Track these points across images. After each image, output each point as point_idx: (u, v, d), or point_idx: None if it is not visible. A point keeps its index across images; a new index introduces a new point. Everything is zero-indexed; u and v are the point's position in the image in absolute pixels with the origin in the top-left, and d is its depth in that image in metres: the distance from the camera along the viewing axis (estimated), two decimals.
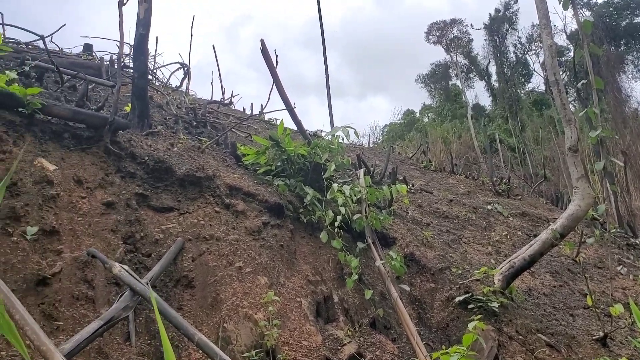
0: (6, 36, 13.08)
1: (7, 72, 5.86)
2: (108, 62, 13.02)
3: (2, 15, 17.54)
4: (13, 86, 5.51)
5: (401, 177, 11.30)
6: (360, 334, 5.91)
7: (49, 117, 5.82)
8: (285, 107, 7.68)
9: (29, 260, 4.73)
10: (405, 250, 7.27)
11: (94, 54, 14.67)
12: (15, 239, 4.79)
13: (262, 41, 7.20)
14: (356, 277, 6.04)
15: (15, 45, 11.85)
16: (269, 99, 18.20)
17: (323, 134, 9.30)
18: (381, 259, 6.42)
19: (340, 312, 6.04)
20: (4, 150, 5.29)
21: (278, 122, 13.48)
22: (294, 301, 5.71)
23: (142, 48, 7.08)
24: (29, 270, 4.68)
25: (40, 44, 12.18)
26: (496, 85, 47.10)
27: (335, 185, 6.85)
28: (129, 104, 7.54)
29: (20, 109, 5.54)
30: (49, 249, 4.98)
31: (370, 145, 27.20)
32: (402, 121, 52.68)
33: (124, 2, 6.38)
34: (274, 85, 7.48)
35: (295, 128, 8.61)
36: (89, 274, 5.06)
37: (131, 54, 13.70)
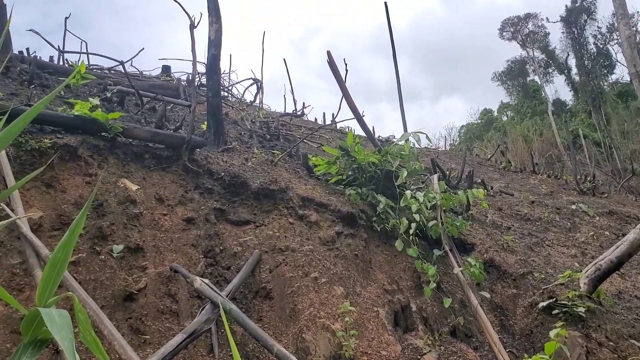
0: (90, 63, 13.96)
1: (90, 99, 6.25)
2: (185, 82, 13.56)
3: (86, 44, 18.72)
4: (96, 112, 5.85)
5: (479, 180, 11.01)
6: (441, 342, 5.79)
7: (130, 140, 6.14)
8: (354, 117, 7.70)
9: (116, 277, 5.00)
10: (485, 255, 7.06)
11: (171, 74, 15.32)
12: (103, 257, 5.08)
13: (328, 53, 7.27)
14: (434, 285, 5.93)
15: (99, 71, 12.62)
16: (339, 108, 18.31)
17: (395, 140, 9.25)
18: (459, 266, 6.27)
19: (418, 320, 5.95)
20: (90, 173, 5.63)
21: (350, 130, 13.50)
22: (371, 311, 5.68)
23: (215, 67, 7.33)
24: (117, 287, 4.94)
25: (121, 68, 12.93)
26: (577, 78, 44.95)
27: (408, 192, 6.77)
28: (205, 122, 7.81)
29: (103, 133, 5.88)
30: (134, 265, 5.24)
31: (447, 148, 26.70)
32: (479, 121, 51.38)
33: (195, 25, 6.63)
34: (343, 96, 7.52)
35: (365, 136, 8.60)
36: (173, 288, 5.27)
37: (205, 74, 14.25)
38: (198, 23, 6.59)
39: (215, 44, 7.24)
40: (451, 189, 8.77)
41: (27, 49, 12.11)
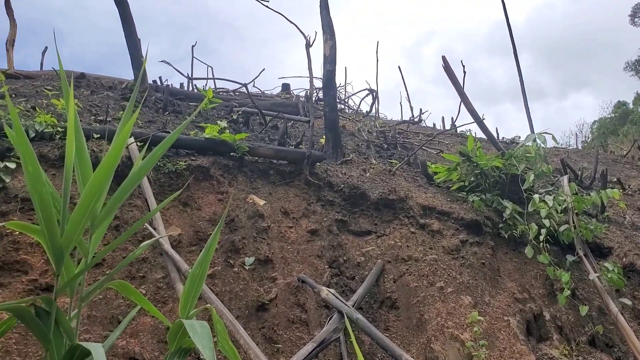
0: (216, 87, 14.90)
1: (218, 122, 6.70)
2: (303, 98, 14.01)
3: (212, 68, 19.96)
4: (224, 134, 6.25)
5: (614, 179, 10.21)
6: (578, 352, 5.46)
7: (256, 157, 6.49)
8: (474, 120, 7.52)
9: (249, 288, 5.29)
10: (624, 260, 6.54)
11: (291, 92, 15.89)
12: (236, 269, 5.40)
13: (443, 58, 7.19)
14: (568, 292, 5.60)
15: (224, 94, 13.42)
16: (458, 112, 17.88)
17: (520, 141, 8.87)
18: (595, 272, 5.87)
19: (553, 330, 5.65)
20: (222, 191, 6.02)
21: (470, 134, 13.14)
22: (501, 320, 5.49)
23: (331, 83, 7.53)
24: (250, 298, 5.22)
25: (244, 89, 13.66)
26: None
27: (536, 197, 6.46)
28: (324, 136, 8.04)
29: (232, 153, 6.27)
30: (264, 276, 5.51)
31: (579, 147, 25.00)
32: (612, 115, 47.52)
33: (311, 43, 6.88)
34: (461, 100, 7.38)
35: (487, 139, 8.35)
36: (301, 298, 5.47)
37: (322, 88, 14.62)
38: (313, 41, 6.83)
39: (330, 60, 7.44)
40: (584, 189, 8.23)
41: (160, 78, 13.23)
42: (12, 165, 5.10)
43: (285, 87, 16.06)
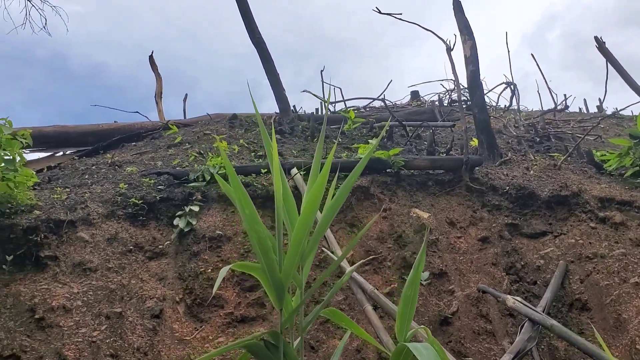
0: (347, 106, 15.13)
1: (369, 140, 6.78)
2: (437, 103, 13.77)
3: (341, 90, 20.32)
4: (378, 152, 6.31)
5: None
6: None
7: (412, 170, 6.45)
8: None
9: (428, 303, 5.24)
10: None
11: (421, 99, 15.70)
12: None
13: (596, 38, 6.73)
14: None
15: (357, 111, 13.58)
16: (605, 93, 16.45)
17: None
18: None
19: None
20: (385, 208, 6.05)
21: (628, 114, 12.07)
22: None
23: (476, 83, 7.34)
24: (431, 312, 5.17)
25: (374, 104, 13.74)
26: None
27: None
28: (473, 139, 7.82)
29: (388, 170, 6.30)
30: (442, 290, 5.43)
31: None
32: None
33: (452, 47, 6.77)
34: (622, 78, 6.81)
35: None
36: (483, 308, 5.31)
37: (454, 91, 14.33)
38: (454, 46, 6.71)
39: (472, 60, 7.26)
40: None
41: (294, 106, 13.72)
42: (196, 209, 5.55)
43: (415, 94, 15.89)
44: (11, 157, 5.40)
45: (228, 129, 8.74)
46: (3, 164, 5.26)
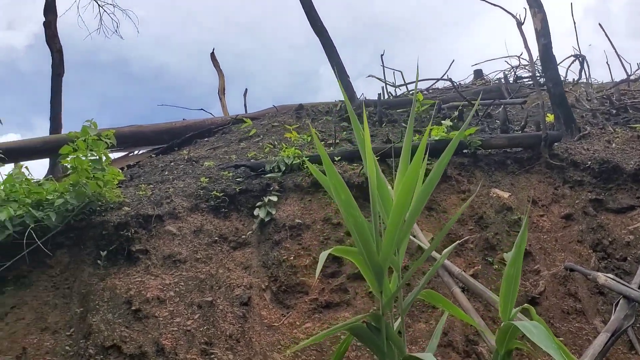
0: (408, 89, 14.92)
1: (443, 122, 6.68)
2: (503, 81, 13.40)
3: (401, 72, 20.09)
4: (452, 133, 6.22)
5: None
6: None
7: (489, 150, 6.32)
8: None
9: None
10: None
11: (484, 77, 15.31)
12: (496, 266, 5.31)
13: None
14: None
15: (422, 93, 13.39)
16: None
17: None
18: None
19: None
20: (462, 189, 5.97)
21: None
22: None
23: (549, 56, 7.09)
24: (518, 293, 5.07)
25: (438, 85, 13.52)
26: None
27: None
28: (548, 115, 7.57)
29: (464, 150, 6.20)
30: (527, 270, 5.31)
31: None
32: None
33: (522, 21, 6.56)
34: None
35: None
36: (571, 287, 5.18)
37: (519, 67, 13.92)
38: (524, 19, 6.50)
39: (543, 34, 7.00)
40: None
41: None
42: (274, 199, 5.66)
43: (478, 73, 15.51)
44: (98, 157, 5.68)
45: (295, 120, 8.84)
46: (91, 164, 5.53)
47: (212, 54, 14.90)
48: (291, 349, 4.11)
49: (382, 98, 12.29)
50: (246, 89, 13.76)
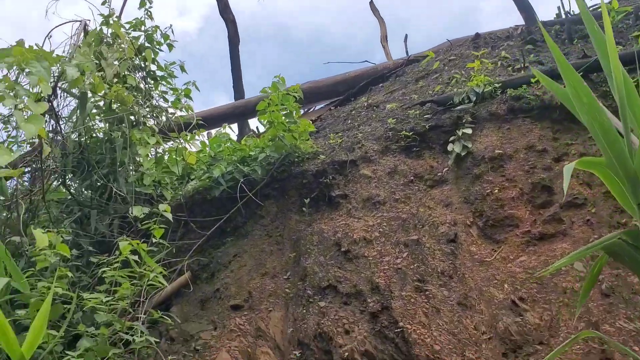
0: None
1: None
2: None
3: None
4: None
5: None
6: None
7: None
8: None
9: None
10: None
11: None
12: None
13: None
14: None
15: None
16: None
17: None
18: None
19: None
20: None
21: None
22: None
23: None
24: None
25: None
26: None
27: None
28: None
29: None
30: None
31: None
32: None
33: None
34: None
35: None
36: None
37: None
38: None
39: None
40: None
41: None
42: (469, 131, 5.37)
43: None
44: (289, 111, 5.85)
45: (473, 50, 8.30)
46: (285, 117, 5.72)
47: (371, 3, 14.64)
48: (544, 272, 3.83)
49: (559, 16, 11.10)
50: (406, 35, 13.33)
